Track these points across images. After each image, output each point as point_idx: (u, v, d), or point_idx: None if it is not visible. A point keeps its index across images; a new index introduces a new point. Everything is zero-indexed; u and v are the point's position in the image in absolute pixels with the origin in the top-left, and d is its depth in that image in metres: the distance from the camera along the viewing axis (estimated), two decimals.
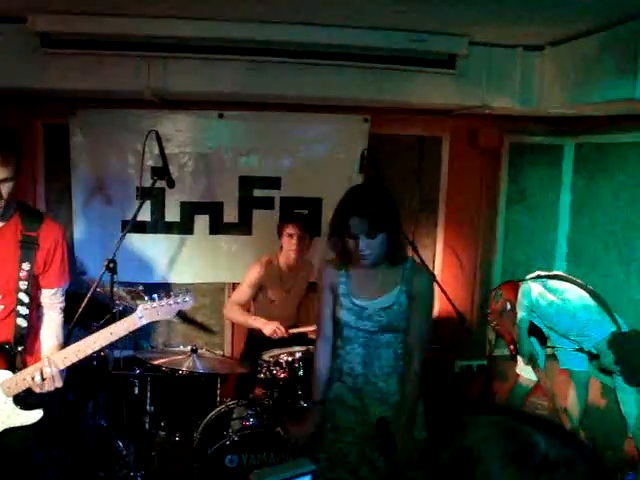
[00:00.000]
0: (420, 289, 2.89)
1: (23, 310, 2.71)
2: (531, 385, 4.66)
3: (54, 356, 2.67)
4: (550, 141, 5.44)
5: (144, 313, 2.71)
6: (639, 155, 4.45)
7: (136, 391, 4.02)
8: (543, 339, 4.43)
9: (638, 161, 4.46)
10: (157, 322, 3.52)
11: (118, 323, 2.71)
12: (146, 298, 2.76)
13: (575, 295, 4.07)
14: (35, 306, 2.82)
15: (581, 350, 4.09)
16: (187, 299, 2.79)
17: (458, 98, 4.46)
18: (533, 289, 4.14)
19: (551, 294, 4.10)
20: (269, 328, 4.23)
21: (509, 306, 4.44)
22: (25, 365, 2.73)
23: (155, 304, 2.73)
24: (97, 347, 2.70)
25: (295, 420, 3.59)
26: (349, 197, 2.81)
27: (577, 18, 3.54)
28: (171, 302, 2.76)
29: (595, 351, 3.99)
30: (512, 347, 4.41)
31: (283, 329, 4.23)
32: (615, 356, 3.80)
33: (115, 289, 3.84)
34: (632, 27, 3.34)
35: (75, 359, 2.68)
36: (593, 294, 4.06)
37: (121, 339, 2.78)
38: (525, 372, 4.70)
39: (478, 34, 4.11)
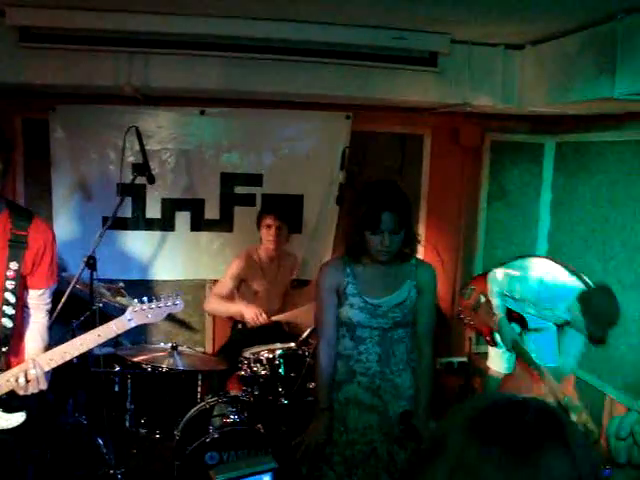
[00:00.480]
0: (426, 283, 2.98)
1: (9, 310, 2.67)
2: (501, 377, 4.75)
3: (39, 358, 2.62)
4: (531, 139, 5.47)
5: (133, 315, 2.69)
6: (618, 154, 4.49)
7: (116, 389, 4.01)
8: (524, 324, 4.48)
9: (617, 160, 4.50)
10: None
11: (106, 325, 2.68)
12: (136, 300, 2.74)
13: (540, 263, 4.13)
14: (21, 306, 2.78)
15: (561, 324, 4.12)
16: (177, 302, 2.77)
17: (440, 96, 4.47)
18: (497, 273, 4.19)
19: (515, 270, 4.15)
20: (250, 312, 4.27)
21: (483, 298, 4.48)
22: (9, 366, 2.68)
23: (145, 307, 2.71)
24: (84, 349, 2.66)
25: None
26: (379, 192, 2.85)
27: (557, 17, 3.56)
28: (161, 305, 2.74)
29: (569, 317, 4.00)
30: (488, 338, 4.46)
31: (265, 315, 4.26)
32: (582, 312, 3.83)
33: (95, 286, 3.82)
34: (611, 27, 3.36)
35: (61, 361, 2.64)
36: (558, 262, 4.10)
37: (108, 340, 2.76)
38: (494, 364, 4.76)
39: (460, 32, 4.12)
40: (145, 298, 2.73)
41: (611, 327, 3.73)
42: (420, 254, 5.47)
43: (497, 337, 4.43)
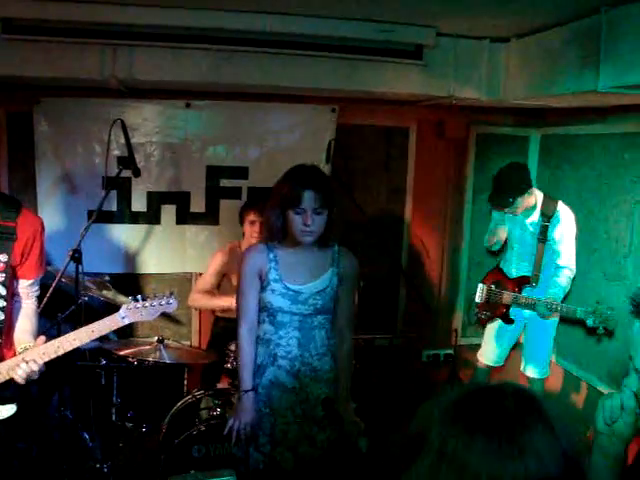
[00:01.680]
0: (348, 272, 3.05)
1: (0, 303, 2.67)
2: (489, 369, 4.93)
3: (32, 351, 2.63)
4: (516, 132, 5.49)
5: (127, 313, 2.70)
6: (602, 147, 4.52)
7: (102, 382, 4.00)
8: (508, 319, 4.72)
9: (601, 153, 4.53)
10: None
11: (100, 321, 2.69)
12: (130, 298, 2.75)
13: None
14: (11, 298, 2.77)
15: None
16: (171, 302, 2.78)
17: (425, 89, 4.47)
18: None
19: None
20: (234, 301, 4.28)
21: (493, 286, 4.72)
22: (2, 359, 2.69)
23: (139, 305, 2.71)
24: (77, 344, 2.67)
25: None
26: (301, 172, 2.93)
27: (543, 11, 3.56)
28: (155, 304, 2.74)
29: None
30: (504, 318, 4.68)
31: None
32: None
33: (81, 279, 3.81)
34: (596, 20, 3.37)
35: (54, 355, 2.64)
36: None
37: (101, 337, 2.77)
38: (485, 356, 4.84)
39: (446, 25, 4.12)
40: (139, 296, 2.74)
41: None
42: (406, 246, 5.54)
43: (511, 314, 4.65)
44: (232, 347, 3.93)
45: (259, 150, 5.19)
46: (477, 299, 4.80)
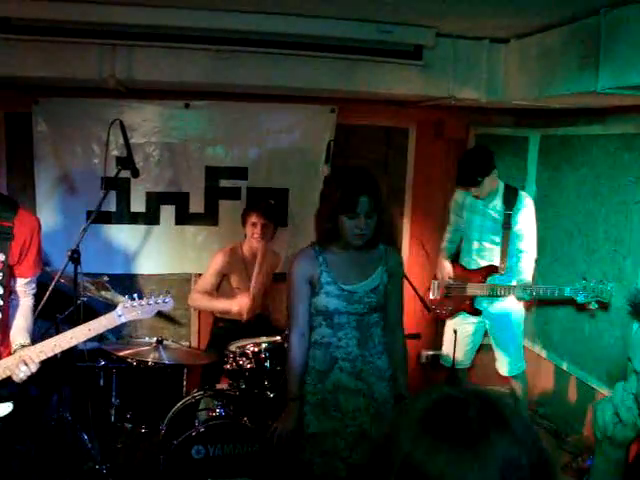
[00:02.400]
0: (396, 268, 3.12)
1: None
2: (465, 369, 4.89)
3: (30, 350, 2.65)
4: (515, 133, 5.49)
5: (123, 312, 2.71)
6: (601, 148, 4.52)
7: (101, 383, 3.99)
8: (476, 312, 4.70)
9: (600, 153, 4.53)
10: None
11: (97, 320, 2.70)
12: (126, 297, 2.76)
13: None
14: (9, 297, 2.79)
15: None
16: (167, 300, 2.81)
17: (424, 89, 4.47)
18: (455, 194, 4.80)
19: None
20: (236, 307, 4.31)
21: (451, 281, 4.69)
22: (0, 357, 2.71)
23: (135, 303, 2.74)
24: (74, 342, 2.69)
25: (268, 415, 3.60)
26: (354, 177, 2.95)
27: (542, 11, 3.56)
28: (151, 302, 2.77)
29: None
30: (471, 310, 4.64)
31: (250, 308, 4.31)
32: None
33: (79, 280, 3.80)
34: (595, 21, 3.37)
35: (51, 353, 2.67)
36: None
37: (97, 335, 2.78)
38: (447, 362, 4.82)
39: (445, 26, 4.12)
40: (135, 295, 2.76)
41: None
42: (405, 246, 5.54)
43: (478, 304, 4.61)
44: (232, 348, 3.92)
45: (258, 150, 5.19)
46: (431, 295, 4.78)
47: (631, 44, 3.15)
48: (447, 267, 4.74)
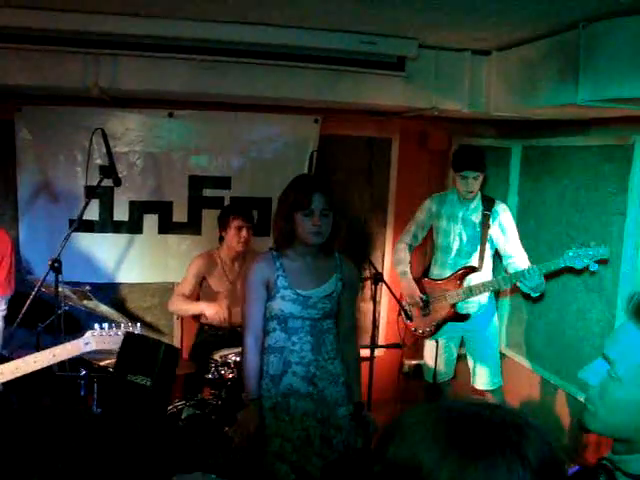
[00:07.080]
0: (351, 278, 3.21)
1: None
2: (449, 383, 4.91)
3: None
4: (498, 144, 5.52)
5: (91, 340, 2.70)
6: (582, 159, 4.55)
7: (82, 393, 3.96)
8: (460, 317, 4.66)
9: (581, 165, 4.57)
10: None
11: (62, 346, 2.69)
12: (96, 325, 2.74)
13: None
14: None
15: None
16: (136, 331, 2.79)
17: (407, 100, 4.49)
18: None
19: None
20: (211, 309, 4.30)
21: (423, 297, 4.67)
22: None
23: (104, 332, 2.73)
24: (37, 367, 2.67)
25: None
26: (306, 178, 3.23)
27: (523, 25, 3.60)
28: (119, 333, 2.75)
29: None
30: (454, 318, 4.60)
31: (226, 314, 4.29)
32: None
33: (61, 289, 3.78)
34: (575, 34, 3.41)
35: (11, 377, 2.63)
36: None
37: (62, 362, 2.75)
38: (428, 375, 4.84)
39: (428, 37, 4.15)
40: (105, 324, 2.73)
41: None
42: (388, 256, 5.55)
43: (460, 309, 4.61)
44: (216, 357, 3.92)
45: (242, 160, 5.20)
46: (406, 320, 4.61)
47: (609, 57, 3.20)
48: (412, 285, 4.69)
